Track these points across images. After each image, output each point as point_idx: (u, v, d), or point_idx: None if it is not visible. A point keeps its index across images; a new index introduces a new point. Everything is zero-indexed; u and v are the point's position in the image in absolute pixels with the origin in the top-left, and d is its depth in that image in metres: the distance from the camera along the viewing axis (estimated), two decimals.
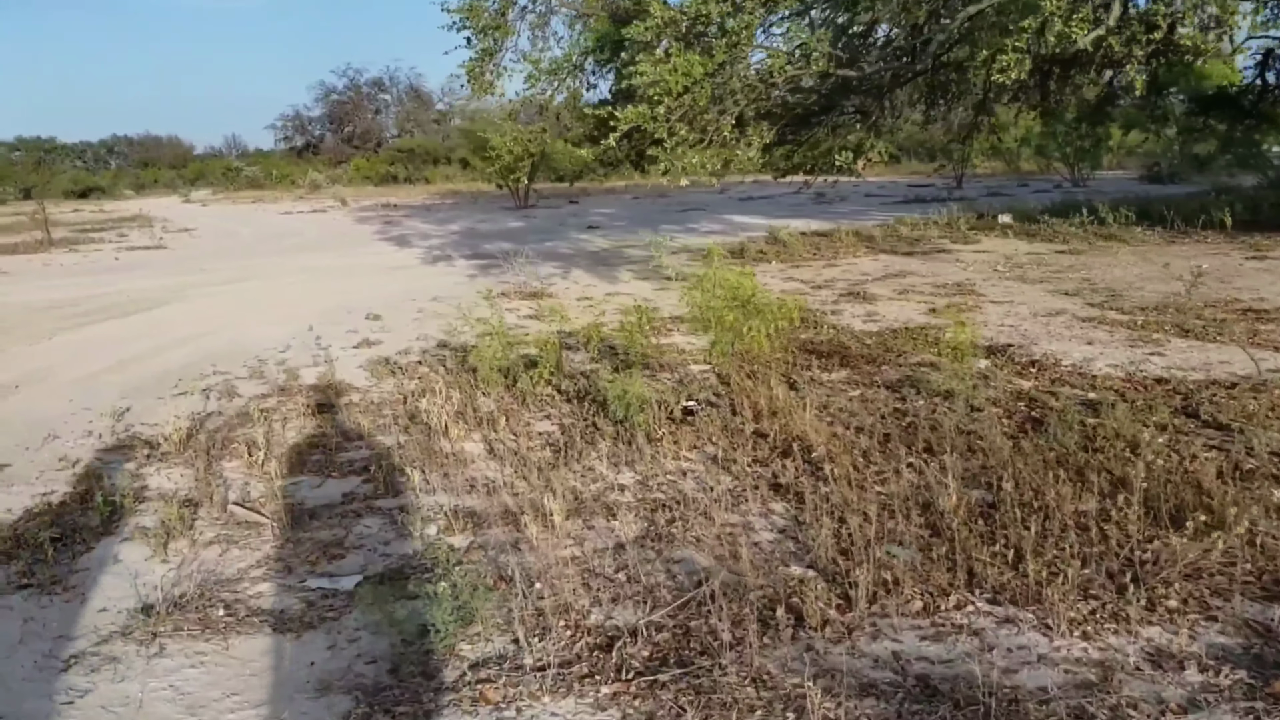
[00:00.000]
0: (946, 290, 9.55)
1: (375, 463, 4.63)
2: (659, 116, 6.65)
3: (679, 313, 8.90)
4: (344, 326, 9.03)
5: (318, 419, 5.66)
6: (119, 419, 6.01)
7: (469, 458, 4.79)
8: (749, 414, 5.11)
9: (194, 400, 6.45)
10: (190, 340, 8.69)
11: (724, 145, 7.27)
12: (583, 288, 11.09)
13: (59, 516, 4.25)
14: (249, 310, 10.34)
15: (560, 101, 9.16)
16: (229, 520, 4.09)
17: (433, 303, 10.32)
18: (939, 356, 6.60)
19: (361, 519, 4.02)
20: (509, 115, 9.39)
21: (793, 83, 7.25)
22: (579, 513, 3.92)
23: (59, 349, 8.52)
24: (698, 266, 12.67)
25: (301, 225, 25.25)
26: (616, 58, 9.30)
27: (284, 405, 6.13)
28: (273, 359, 7.71)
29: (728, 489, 4.10)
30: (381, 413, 5.76)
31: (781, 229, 15.31)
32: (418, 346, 7.89)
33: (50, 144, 62.85)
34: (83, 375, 7.44)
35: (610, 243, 16.95)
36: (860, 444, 4.60)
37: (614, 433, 4.95)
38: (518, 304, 9.98)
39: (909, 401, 5.44)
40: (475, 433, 5.17)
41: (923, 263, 11.71)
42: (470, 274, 12.92)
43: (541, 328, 8.34)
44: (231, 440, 5.31)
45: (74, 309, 10.88)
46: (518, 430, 5.20)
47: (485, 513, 3.97)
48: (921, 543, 3.43)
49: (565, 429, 5.19)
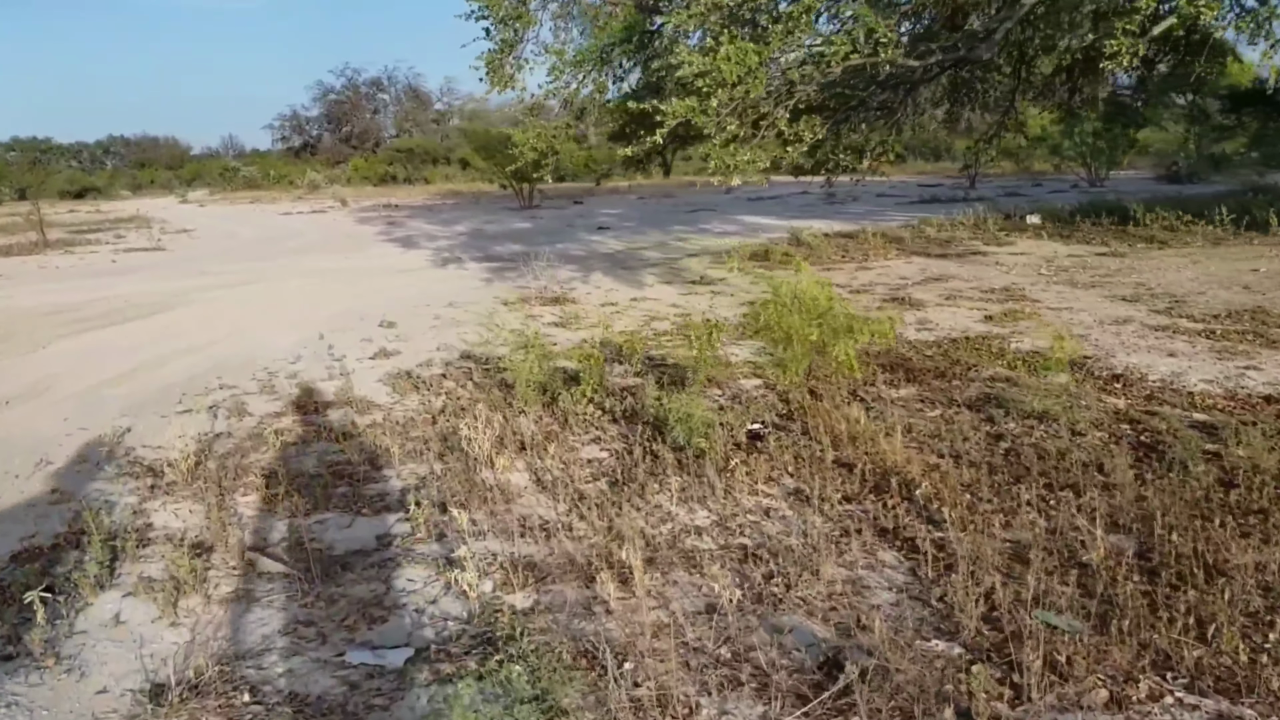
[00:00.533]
0: (995, 296, 9.01)
1: (411, 497, 4.07)
2: (710, 110, 6.10)
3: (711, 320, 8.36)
4: (357, 334, 8.47)
5: (340, 442, 5.10)
6: (119, 440, 5.45)
7: (515, 490, 4.24)
8: (825, 439, 4.56)
9: (200, 419, 5.89)
10: (194, 349, 8.13)
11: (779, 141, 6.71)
12: (604, 293, 10.54)
13: (51, 563, 3.70)
14: (255, 316, 9.78)
15: (586, 95, 8.59)
16: (247, 570, 3.53)
17: (449, 309, 9.76)
18: (1013, 370, 6.07)
19: (402, 569, 3.46)
20: (530, 110, 8.78)
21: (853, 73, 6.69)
22: (655, 562, 3.36)
23: (55, 360, 7.95)
24: (722, 270, 12.15)
25: (302, 226, 24.68)
26: (646, 49, 8.75)
27: (300, 426, 5.57)
28: (283, 371, 7.16)
29: (823, 533, 3.55)
30: (409, 435, 5.21)
31: (804, 230, 14.77)
32: (439, 357, 7.34)
33: (46, 144, 62.17)
34: (80, 389, 6.87)
35: (623, 244, 16.41)
36: (962, 476, 4.05)
37: (676, 461, 4.40)
38: (540, 310, 9.42)
39: (999, 424, 4.89)
40: (518, 459, 4.62)
41: (960, 265, 11.17)
42: (484, 278, 12.36)
43: (569, 336, 7.81)
44: (245, 468, 4.75)
45: (71, 315, 10.31)
46: (564, 457, 4.65)
47: (546, 563, 3.41)
48: (1078, 607, 2.87)
49: (618, 456, 4.64)
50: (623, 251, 15.27)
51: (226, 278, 13.43)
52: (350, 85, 63.88)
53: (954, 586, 3.00)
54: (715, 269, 12.18)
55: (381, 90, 66.30)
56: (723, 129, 6.31)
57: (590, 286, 11.05)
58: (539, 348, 5.64)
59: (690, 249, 15.29)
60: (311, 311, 9.93)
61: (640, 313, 9.07)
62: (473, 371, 6.68)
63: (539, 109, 8.77)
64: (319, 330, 8.74)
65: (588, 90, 8.68)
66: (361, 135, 64.38)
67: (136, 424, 5.84)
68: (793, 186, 34.14)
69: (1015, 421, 4.92)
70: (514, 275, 12.46)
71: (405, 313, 9.58)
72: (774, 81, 6.12)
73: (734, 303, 9.37)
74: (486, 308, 9.76)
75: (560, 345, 7.48)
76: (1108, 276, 9.93)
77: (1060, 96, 15.67)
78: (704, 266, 12.52)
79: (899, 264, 11.60)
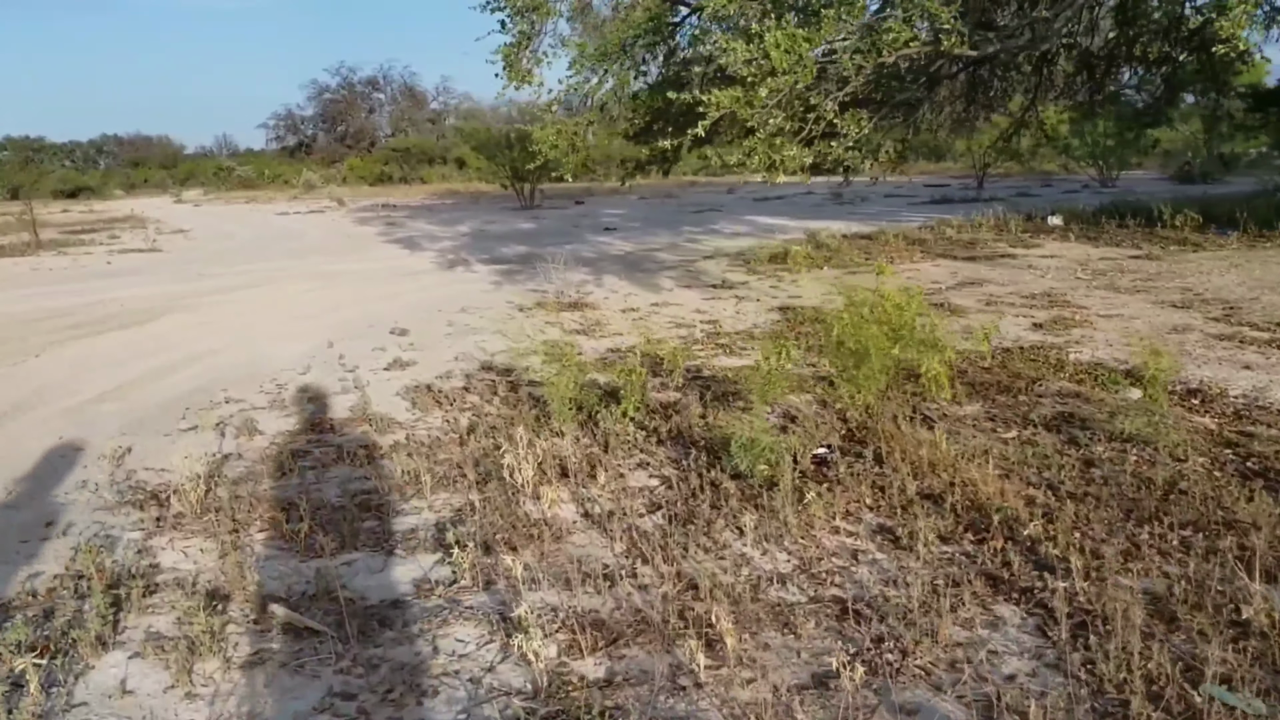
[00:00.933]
0: (1038, 301, 8.59)
1: (450, 535, 3.63)
2: (756, 101, 5.66)
3: (740, 326, 7.95)
4: (369, 343, 8.02)
5: (363, 466, 4.65)
6: (119, 463, 5.00)
7: (563, 526, 3.80)
8: (903, 466, 4.13)
9: (207, 437, 5.45)
10: (196, 359, 7.67)
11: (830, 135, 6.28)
12: (623, 297, 10.10)
13: (46, 615, 3.25)
14: (258, 323, 9.32)
15: (609, 89, 8.16)
16: (270, 624, 3.08)
17: (462, 315, 9.32)
18: (1078, 384, 5.65)
19: (449, 626, 3.02)
20: (548, 106, 8.34)
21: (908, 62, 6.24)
22: (740, 619, 2.93)
23: (48, 369, 7.49)
24: (742, 272, 11.73)
25: (301, 226, 24.20)
26: (670, 39, 8.31)
27: (317, 446, 5.13)
28: (293, 383, 6.72)
29: (925, 582, 3.11)
30: (436, 458, 4.76)
31: (821, 231, 14.35)
32: (459, 369, 6.89)
33: (38, 143, 61.53)
34: (75, 403, 6.42)
35: (633, 246, 15.98)
36: (1066, 511, 3.62)
37: (739, 492, 3.96)
38: (558, 317, 8.98)
39: (1086, 447, 4.46)
40: (561, 487, 4.17)
41: (991, 268, 10.76)
42: (494, 281, 11.91)
43: (593, 345, 7.38)
44: (260, 498, 4.30)
45: (64, 320, 9.85)
46: (612, 485, 4.22)
47: (615, 621, 2.97)
48: (1252, 679, 2.45)
49: (671, 484, 4.20)
50: (634, 253, 14.84)
51: (226, 281, 12.97)
52: (345, 84, 63.41)
53: (1099, 653, 2.57)
54: (734, 272, 11.76)
55: (377, 89, 65.82)
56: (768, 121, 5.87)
57: (606, 290, 10.61)
58: (573, 361, 5.19)
59: (703, 250, 14.87)
60: (318, 318, 9.48)
61: (664, 319, 8.63)
62: (497, 385, 6.24)
63: (558, 104, 8.30)
64: (328, 338, 8.29)
65: (610, 84, 8.24)
66: (357, 135, 63.91)
67: (137, 443, 5.40)
68: (798, 187, 33.75)
69: (1102, 444, 4.50)
70: (524, 278, 12.03)
71: (417, 319, 9.14)
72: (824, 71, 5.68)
73: (760, 308, 8.95)
74: (501, 313, 9.33)
75: (585, 355, 7.04)
76: (1150, 281, 9.52)
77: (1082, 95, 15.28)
78: (722, 269, 12.09)
79: (927, 266, 11.18)
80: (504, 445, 4.75)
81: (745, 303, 9.30)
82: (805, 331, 7.62)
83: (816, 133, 6.21)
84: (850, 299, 4.58)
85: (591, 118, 8.13)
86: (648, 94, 8.12)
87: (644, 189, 37.82)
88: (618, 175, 42.11)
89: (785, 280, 10.66)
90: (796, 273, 11.17)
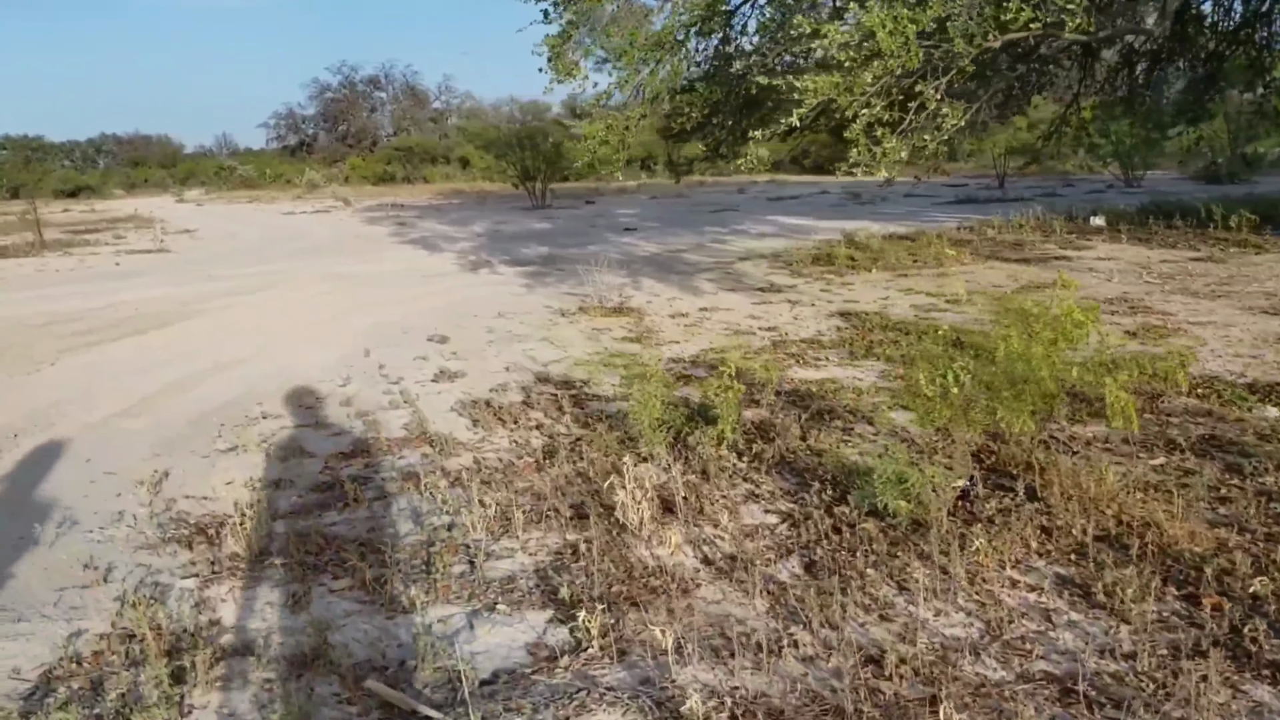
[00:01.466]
0: (1116, 307, 8.08)
1: (561, 588, 3.11)
2: (857, 88, 5.14)
3: (803, 334, 7.43)
4: (407, 350, 7.50)
5: (436, 496, 4.13)
6: (156, 490, 4.47)
7: (686, 575, 3.28)
8: (1061, 501, 3.61)
9: (250, 460, 4.93)
10: (224, 368, 7.15)
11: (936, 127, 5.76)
12: (666, 301, 9.58)
13: (94, 688, 2.73)
14: (283, 328, 8.80)
15: (663, 78, 7.65)
16: (367, 705, 2.57)
17: (500, 320, 8.80)
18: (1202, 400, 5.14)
19: (591, 714, 2.50)
20: (596, 101, 7.83)
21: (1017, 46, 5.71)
22: (937, 706, 2.41)
23: (64, 380, 6.97)
24: (786, 275, 11.22)
25: (309, 226, 23.66)
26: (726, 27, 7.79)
27: (376, 471, 4.61)
28: (334, 395, 6.20)
29: (1148, 653, 2.60)
30: (514, 486, 4.25)
31: (857, 232, 13.83)
32: (513, 380, 6.37)
33: (37, 142, 60.89)
34: (96, 419, 5.90)
35: (658, 246, 15.46)
36: (1269, 555, 3.11)
37: (880, 534, 3.44)
38: (603, 322, 8.46)
39: (1253, 477, 3.95)
40: (669, 524, 3.66)
41: (1050, 271, 10.23)
42: (524, 283, 11.39)
43: (652, 354, 6.86)
44: (326, 536, 3.77)
45: (77, 325, 9.32)
46: (725, 522, 3.70)
47: (792, 708, 2.45)
48: None
49: (793, 522, 3.69)
50: (662, 254, 14.32)
51: (240, 283, 12.43)
52: (347, 83, 62.86)
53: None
54: (777, 274, 11.25)
55: (379, 88, 65.32)
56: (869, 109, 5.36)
57: (646, 294, 10.09)
58: (658, 376, 4.67)
59: (734, 251, 14.36)
60: (346, 322, 8.96)
61: (717, 325, 8.12)
62: (560, 399, 5.71)
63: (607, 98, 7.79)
64: (362, 345, 7.77)
65: (664, 75, 7.72)
66: (358, 134, 63.40)
67: (174, 466, 4.88)
68: (811, 186, 33.26)
69: (1271, 474, 3.98)
70: (554, 280, 11.51)
71: (452, 324, 8.62)
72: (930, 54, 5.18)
73: (817, 313, 8.43)
74: (541, 318, 8.82)
75: (652, 367, 6.53)
76: (1224, 285, 9.01)
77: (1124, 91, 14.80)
78: (763, 271, 11.58)
79: (982, 270, 10.67)
80: (590, 471, 4.25)
81: (800, 307, 8.78)
82: (877, 340, 7.11)
83: (917, 124, 5.70)
84: (1011, 309, 4.03)
85: (643, 111, 7.62)
86: (704, 85, 7.59)
87: (653, 188, 37.35)
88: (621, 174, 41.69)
89: (835, 283, 10.15)
90: (845, 275, 10.66)
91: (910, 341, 6.95)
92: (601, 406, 5.59)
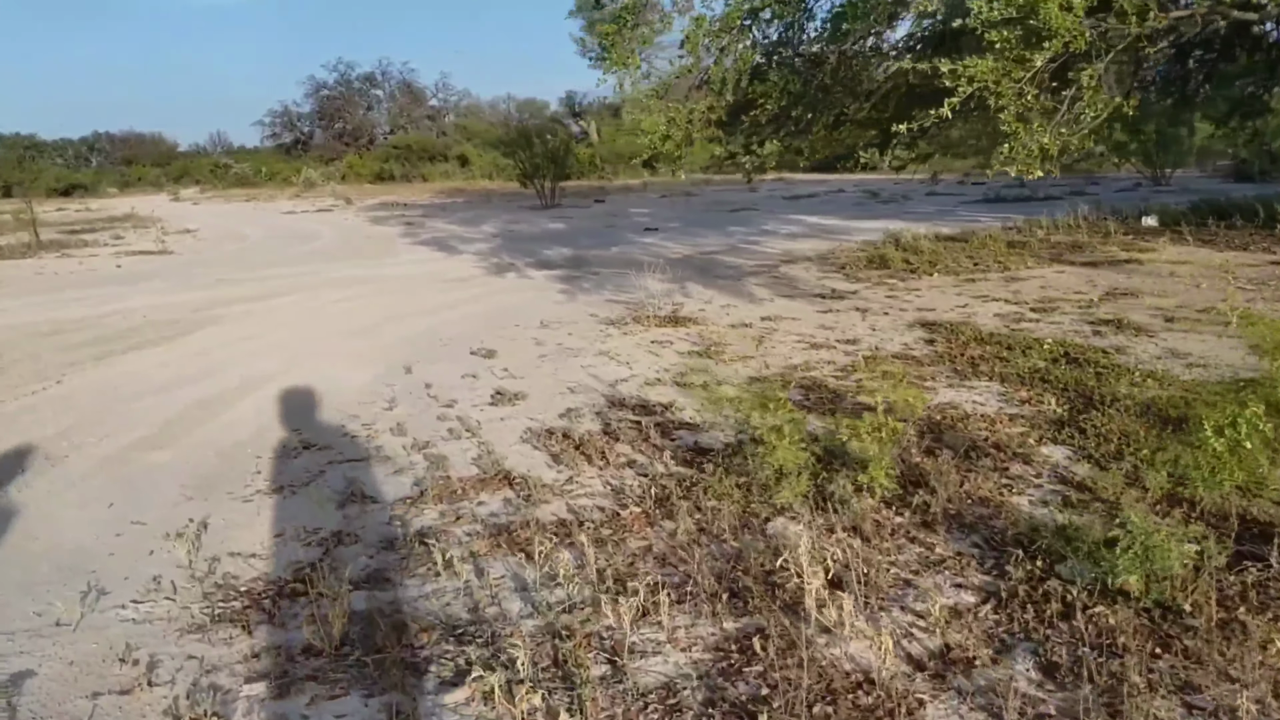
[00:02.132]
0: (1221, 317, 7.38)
1: (733, 700, 2.39)
2: (1015, 74, 4.44)
3: (889, 348, 6.73)
4: (453, 366, 6.79)
5: (541, 563, 3.41)
6: (195, 546, 3.73)
7: (899, 687, 2.56)
8: None
9: (300, 503, 4.20)
10: (251, 386, 6.42)
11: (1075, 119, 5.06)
12: (720, 309, 8.87)
13: None
14: (308, 339, 8.06)
15: (730, 66, 6.95)
16: None
17: (545, 331, 8.09)
18: None
19: None
20: (654, 93, 7.12)
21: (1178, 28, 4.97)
22: None
23: (73, 402, 6.23)
24: (838, 278, 10.52)
25: (314, 226, 22.90)
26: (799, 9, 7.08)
27: (458, 524, 3.88)
28: (382, 421, 5.48)
29: None
30: (627, 545, 3.53)
31: (902, 233, 13.14)
32: (583, 405, 5.66)
33: (29, 140, 59.94)
34: (115, 449, 5.17)
35: (687, 248, 14.76)
36: None
37: (1131, 625, 2.73)
38: (661, 333, 7.74)
39: None
40: (842, 601, 2.94)
41: (1127, 276, 9.57)
42: (561, 289, 10.67)
43: (728, 372, 6.16)
44: (418, 619, 3.05)
45: (82, 335, 8.57)
46: (907, 599, 2.99)
47: None
48: None
49: (997, 600, 2.97)
50: (695, 257, 13.61)
51: (252, 287, 11.69)
52: (343, 81, 62.02)
53: None
54: (831, 278, 10.54)
55: (375, 86, 64.49)
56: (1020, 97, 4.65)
57: (696, 301, 9.37)
58: (786, 407, 3.95)
59: (771, 252, 13.67)
60: (378, 334, 8.23)
61: (789, 337, 7.41)
62: (644, 428, 4.99)
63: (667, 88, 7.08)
64: (400, 360, 7.06)
65: (731, 62, 7.02)
66: (354, 132, 62.63)
67: (211, 513, 4.16)
68: (825, 185, 32.60)
69: None
70: (590, 286, 10.80)
71: (494, 335, 7.90)
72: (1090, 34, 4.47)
73: (894, 323, 7.73)
74: (589, 329, 8.11)
75: (733, 388, 5.82)
76: None
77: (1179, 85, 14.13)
78: (815, 275, 10.88)
79: (1050, 274, 9.97)
80: (716, 527, 3.54)
81: (872, 316, 8.08)
82: (977, 355, 6.42)
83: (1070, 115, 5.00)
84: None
85: (711, 102, 6.91)
86: (781, 75, 6.87)
87: (659, 187, 36.64)
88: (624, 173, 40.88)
89: (899, 289, 9.46)
90: (906, 280, 9.96)
91: (1016, 357, 6.25)
92: (695, 437, 4.88)
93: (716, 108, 6.87)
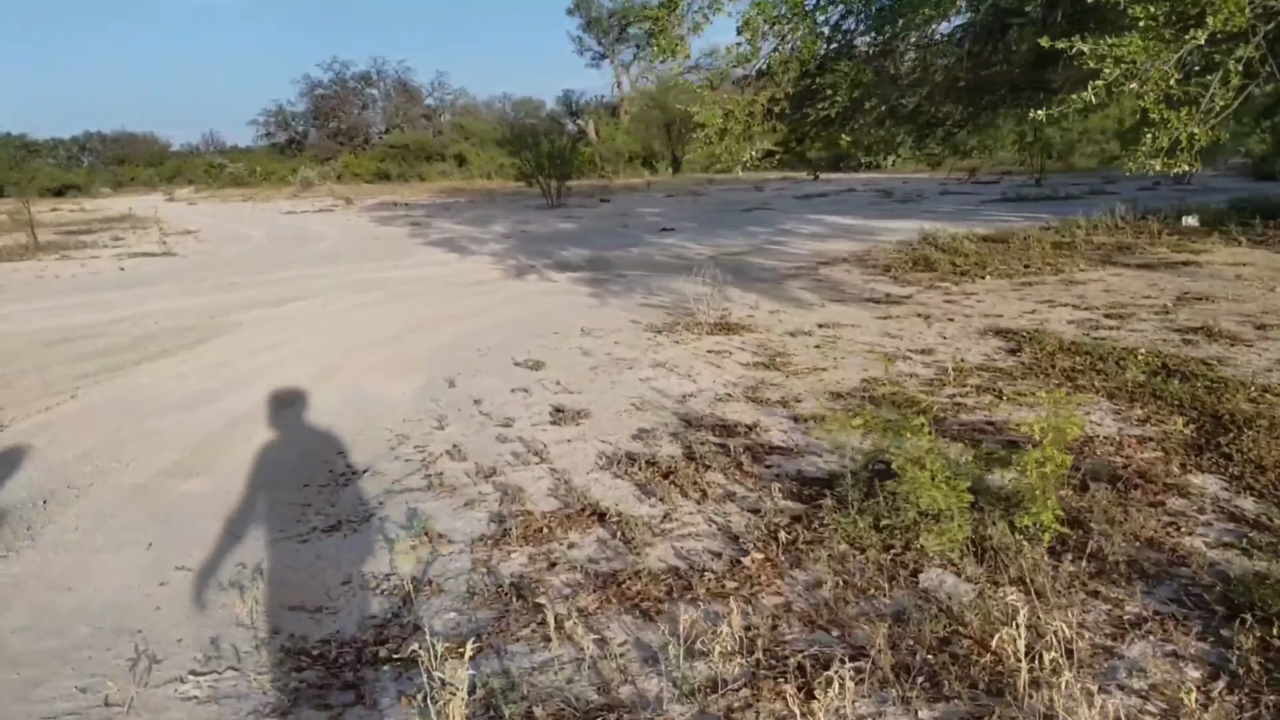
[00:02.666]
0: None
1: None
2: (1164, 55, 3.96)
3: (970, 358, 6.25)
4: (499, 380, 6.30)
5: (665, 625, 2.91)
6: (256, 603, 3.23)
7: None
8: None
9: (362, 543, 3.71)
10: (283, 402, 5.92)
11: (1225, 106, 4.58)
12: (770, 315, 8.39)
13: None
14: (338, 349, 7.55)
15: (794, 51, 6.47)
16: None
17: (587, 339, 7.60)
18: None
19: None
20: (709, 83, 6.66)
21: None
22: None
23: (91, 419, 5.72)
24: (888, 282, 10.05)
25: (319, 227, 22.35)
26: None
27: (549, 571, 3.39)
28: (436, 442, 4.99)
29: None
30: (760, 602, 3.04)
31: (937, 233, 12.67)
32: (655, 424, 5.17)
33: (21, 140, 59.20)
34: (144, 478, 4.66)
35: (710, 249, 14.27)
36: None
37: None
38: (713, 342, 7.25)
39: None
40: (1063, 676, 2.45)
41: (1192, 279, 9.11)
42: (591, 293, 10.17)
43: (798, 387, 5.67)
44: (543, 699, 2.55)
45: (93, 343, 8.05)
46: (1110, 668, 2.51)
47: None
48: None
49: (1230, 677, 2.49)
50: (721, 258, 13.09)
51: (264, 291, 11.17)
52: (338, 80, 61.29)
53: None
54: (877, 281, 10.07)
55: (370, 85, 63.81)
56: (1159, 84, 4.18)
57: (742, 306, 8.89)
58: (929, 438, 3.45)
59: (800, 253, 13.21)
60: (409, 342, 7.72)
61: (855, 346, 6.93)
62: (734, 452, 4.50)
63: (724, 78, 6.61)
64: (439, 372, 6.57)
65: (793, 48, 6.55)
66: (350, 131, 61.95)
67: (263, 557, 3.65)
68: (833, 184, 32.13)
69: None
70: (621, 290, 10.32)
71: (535, 344, 7.41)
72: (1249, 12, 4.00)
73: (964, 331, 7.26)
74: (634, 336, 7.63)
75: (805, 403, 5.35)
76: None
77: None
78: (857, 278, 10.41)
79: (1108, 277, 9.52)
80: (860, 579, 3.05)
81: (937, 323, 7.60)
82: (1068, 367, 5.95)
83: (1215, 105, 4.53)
84: None
85: (775, 93, 6.42)
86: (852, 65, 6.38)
87: (664, 186, 36.20)
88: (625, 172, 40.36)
89: (954, 293, 8.99)
90: (960, 284, 9.49)
91: (1111, 369, 5.79)
92: (795, 465, 4.39)
93: (779, 99, 6.37)
